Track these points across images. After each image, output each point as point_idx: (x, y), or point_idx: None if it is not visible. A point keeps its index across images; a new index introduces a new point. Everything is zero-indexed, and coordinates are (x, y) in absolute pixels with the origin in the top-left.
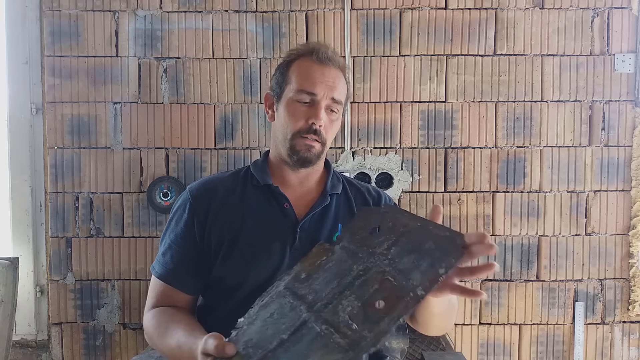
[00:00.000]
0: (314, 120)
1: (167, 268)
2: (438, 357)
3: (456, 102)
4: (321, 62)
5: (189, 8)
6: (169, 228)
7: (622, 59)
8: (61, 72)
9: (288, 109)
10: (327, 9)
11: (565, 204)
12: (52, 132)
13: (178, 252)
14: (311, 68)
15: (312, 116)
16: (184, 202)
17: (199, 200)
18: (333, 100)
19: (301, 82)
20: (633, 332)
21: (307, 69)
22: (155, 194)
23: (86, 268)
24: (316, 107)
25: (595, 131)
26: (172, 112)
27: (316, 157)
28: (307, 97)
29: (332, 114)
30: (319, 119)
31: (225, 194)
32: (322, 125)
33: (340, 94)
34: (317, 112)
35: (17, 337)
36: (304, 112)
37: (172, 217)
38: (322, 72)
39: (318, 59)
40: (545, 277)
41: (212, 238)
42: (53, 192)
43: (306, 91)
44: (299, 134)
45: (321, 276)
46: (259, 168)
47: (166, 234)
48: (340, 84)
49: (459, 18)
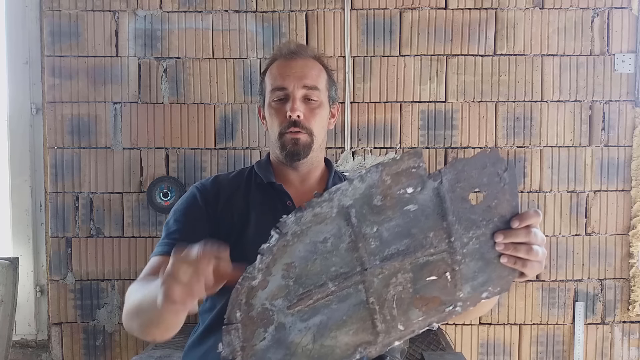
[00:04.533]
0: (289, 112)
1: (171, 245)
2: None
3: (456, 102)
4: (286, 58)
5: (189, 8)
6: (176, 215)
7: (622, 59)
8: (61, 72)
9: (269, 112)
10: (327, 9)
11: (565, 204)
12: (52, 132)
13: (188, 232)
14: (279, 66)
15: (288, 109)
16: (193, 194)
17: (207, 191)
18: (306, 87)
19: (272, 82)
20: (633, 332)
21: (276, 69)
22: (155, 194)
23: (86, 268)
24: (289, 99)
25: (595, 131)
26: (172, 112)
27: (305, 148)
28: (281, 93)
29: (311, 102)
30: (294, 110)
31: (231, 190)
32: (300, 115)
33: (312, 80)
34: (291, 104)
35: (17, 337)
36: (281, 109)
37: (179, 207)
38: (289, 66)
39: (283, 56)
40: (545, 277)
41: (221, 229)
42: (53, 192)
43: (277, 88)
44: (282, 131)
45: (396, 219)
46: (262, 167)
47: (171, 220)
48: (312, 71)
49: (459, 18)
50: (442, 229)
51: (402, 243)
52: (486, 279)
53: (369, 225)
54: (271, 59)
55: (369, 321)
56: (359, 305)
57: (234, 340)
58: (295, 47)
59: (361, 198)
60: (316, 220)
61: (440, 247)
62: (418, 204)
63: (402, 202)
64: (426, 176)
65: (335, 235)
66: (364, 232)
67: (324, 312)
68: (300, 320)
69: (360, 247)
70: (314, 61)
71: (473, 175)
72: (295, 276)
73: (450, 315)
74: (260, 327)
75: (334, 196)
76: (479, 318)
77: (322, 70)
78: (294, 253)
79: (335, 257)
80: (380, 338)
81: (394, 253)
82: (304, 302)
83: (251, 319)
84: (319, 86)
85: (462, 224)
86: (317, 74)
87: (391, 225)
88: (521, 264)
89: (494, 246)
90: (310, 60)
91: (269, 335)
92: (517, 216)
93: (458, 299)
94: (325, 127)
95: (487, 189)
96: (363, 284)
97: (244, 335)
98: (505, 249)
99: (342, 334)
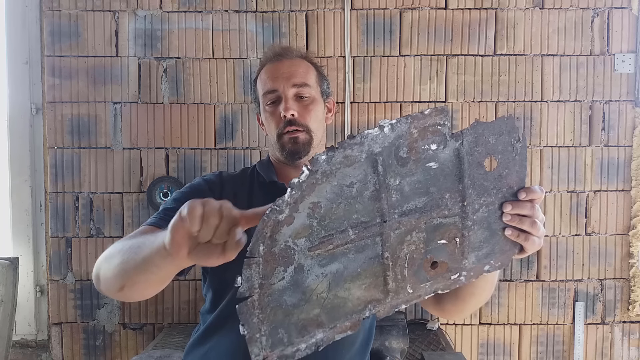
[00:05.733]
0: (283, 112)
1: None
2: (438, 357)
3: (456, 102)
4: (272, 61)
5: (189, 8)
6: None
7: (622, 59)
8: (61, 72)
9: (265, 116)
10: (327, 9)
11: (565, 204)
12: (52, 132)
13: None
14: (267, 70)
15: (281, 110)
16: (198, 182)
17: (213, 182)
18: (296, 85)
19: (263, 86)
20: (633, 332)
21: (263, 74)
22: (155, 194)
23: (86, 268)
24: (281, 100)
25: (595, 131)
26: (172, 112)
27: (305, 146)
28: (272, 95)
29: (303, 99)
30: (287, 109)
31: (234, 187)
32: (295, 114)
33: (301, 77)
34: (284, 104)
35: (17, 337)
36: (275, 111)
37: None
38: (276, 68)
39: (269, 60)
40: (545, 277)
41: None
42: (53, 192)
43: (268, 91)
44: (280, 133)
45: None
46: (264, 166)
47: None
48: (299, 68)
49: (459, 18)
50: (458, 192)
51: (420, 200)
52: (490, 251)
53: (393, 176)
54: (260, 66)
55: (382, 277)
56: (374, 259)
57: (253, 276)
58: (280, 49)
59: (389, 147)
60: (346, 162)
61: (454, 210)
62: (439, 163)
63: (426, 158)
64: (449, 135)
65: (361, 182)
66: (388, 183)
67: (342, 260)
68: (319, 264)
69: (383, 197)
70: (300, 59)
71: (490, 141)
72: (319, 217)
73: (455, 284)
74: (281, 265)
75: (365, 140)
76: (479, 318)
77: (310, 67)
78: (322, 193)
79: (359, 204)
80: (389, 298)
81: (412, 209)
82: (324, 246)
83: (273, 255)
84: (309, 82)
85: (476, 189)
86: (305, 71)
87: (413, 180)
88: (524, 237)
89: (501, 217)
90: (296, 59)
91: (288, 276)
92: (524, 189)
93: (463, 268)
94: (322, 123)
95: (500, 157)
96: (381, 237)
97: (264, 271)
98: (512, 220)
99: (355, 287)
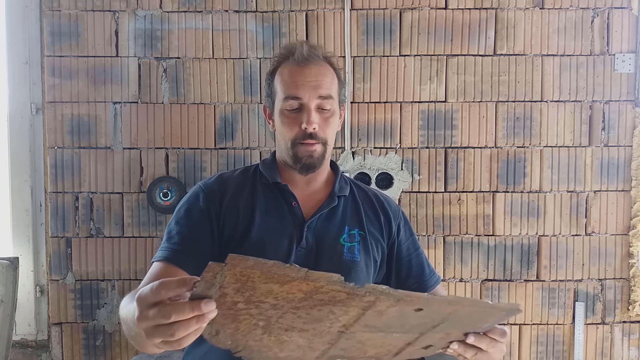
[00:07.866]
0: (306, 125)
1: (172, 250)
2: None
3: (456, 102)
4: (299, 64)
5: (189, 8)
6: (178, 216)
7: (622, 59)
8: (61, 72)
9: (281, 119)
10: (327, 9)
11: (565, 204)
12: (52, 132)
13: (189, 236)
14: (291, 73)
15: (304, 121)
16: (197, 194)
17: (213, 192)
18: (321, 97)
19: (285, 89)
20: (633, 332)
21: (288, 75)
22: (155, 194)
23: (86, 268)
24: (305, 111)
25: (595, 131)
26: (172, 112)
27: (320, 159)
28: (295, 102)
29: (324, 112)
30: (310, 123)
31: (236, 189)
32: (316, 127)
33: (327, 89)
34: (307, 116)
35: (17, 337)
36: (296, 119)
37: (181, 208)
38: (303, 74)
39: (296, 61)
40: (545, 277)
41: (226, 229)
42: (53, 192)
43: (291, 97)
44: (296, 141)
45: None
46: (267, 167)
47: (173, 222)
48: (325, 78)
49: (459, 18)
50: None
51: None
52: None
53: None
54: (281, 58)
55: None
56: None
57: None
58: (308, 53)
59: None
60: None
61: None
62: None
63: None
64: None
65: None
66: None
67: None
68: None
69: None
70: (326, 66)
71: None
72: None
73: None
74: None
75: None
76: None
77: (334, 75)
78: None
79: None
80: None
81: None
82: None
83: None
84: (333, 94)
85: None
86: (331, 81)
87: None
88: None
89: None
90: (322, 66)
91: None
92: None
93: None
94: (335, 132)
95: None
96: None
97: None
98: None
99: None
